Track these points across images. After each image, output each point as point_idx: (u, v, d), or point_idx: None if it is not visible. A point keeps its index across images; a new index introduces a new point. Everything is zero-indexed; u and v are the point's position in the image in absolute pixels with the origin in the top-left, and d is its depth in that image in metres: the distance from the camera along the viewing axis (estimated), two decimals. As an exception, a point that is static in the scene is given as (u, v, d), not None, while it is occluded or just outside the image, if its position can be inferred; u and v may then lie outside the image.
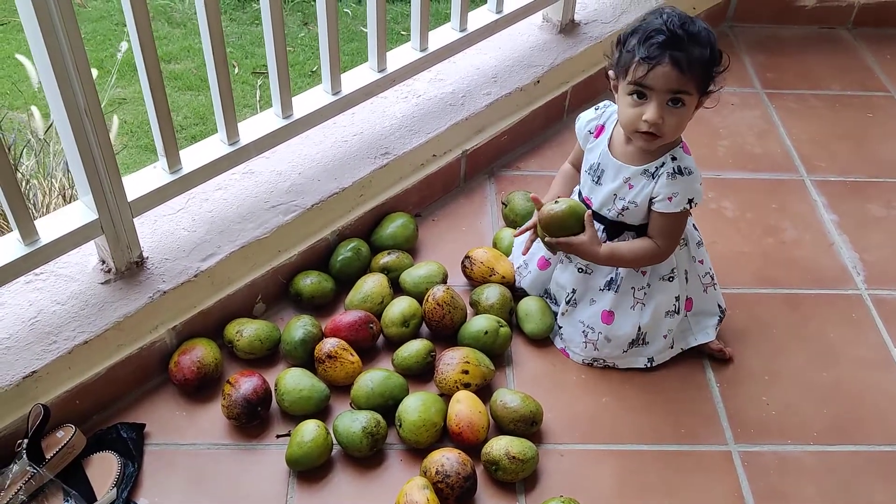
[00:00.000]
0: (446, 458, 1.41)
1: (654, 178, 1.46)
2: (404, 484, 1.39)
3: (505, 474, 1.44)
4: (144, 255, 1.56)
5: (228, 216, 1.66)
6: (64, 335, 1.45)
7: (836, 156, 2.18)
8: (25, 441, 1.37)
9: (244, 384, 1.49)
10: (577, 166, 1.63)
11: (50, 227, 1.40)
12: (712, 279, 1.62)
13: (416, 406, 1.48)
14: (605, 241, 1.53)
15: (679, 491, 1.47)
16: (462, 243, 1.84)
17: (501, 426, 1.51)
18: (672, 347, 1.63)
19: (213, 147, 1.57)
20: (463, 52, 2.00)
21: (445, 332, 1.63)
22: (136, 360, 1.52)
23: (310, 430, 1.44)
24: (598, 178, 1.52)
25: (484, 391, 1.54)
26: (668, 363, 1.64)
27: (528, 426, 1.50)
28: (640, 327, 1.58)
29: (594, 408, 1.57)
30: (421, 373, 1.59)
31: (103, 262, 1.54)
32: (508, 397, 1.51)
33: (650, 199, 1.47)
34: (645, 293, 1.56)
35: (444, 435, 1.50)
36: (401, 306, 1.63)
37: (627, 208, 1.49)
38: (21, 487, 1.34)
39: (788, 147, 2.20)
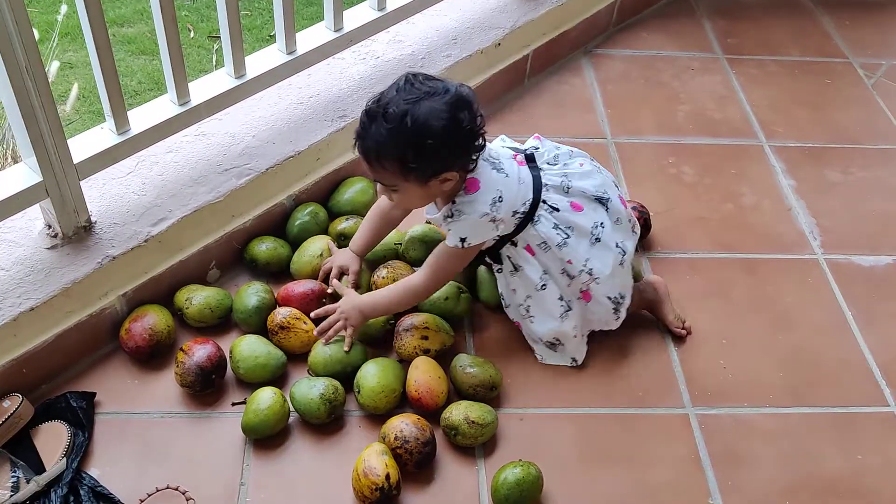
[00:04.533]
0: (405, 424, 1.40)
1: (444, 221, 1.45)
2: (363, 450, 1.38)
3: (464, 439, 1.43)
4: (93, 219, 1.51)
5: (180, 180, 1.61)
6: (9, 302, 1.40)
7: (794, 122, 2.19)
8: (-31, 411, 1.33)
9: (198, 351, 1.45)
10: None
11: (-9, 190, 1.35)
12: (591, 275, 1.50)
13: (374, 372, 1.46)
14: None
15: (637, 454, 1.47)
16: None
17: (461, 391, 1.50)
18: (584, 336, 1.60)
19: (162, 107, 1.52)
20: (422, 12, 1.96)
21: None
22: (86, 327, 1.48)
23: (266, 397, 1.42)
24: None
25: (443, 357, 1.53)
26: (627, 328, 1.64)
27: (488, 391, 1.49)
28: (550, 334, 1.56)
29: (553, 373, 1.57)
30: (380, 339, 1.57)
31: (49, 226, 1.49)
32: (468, 362, 1.50)
33: None
34: (528, 308, 1.54)
35: (403, 401, 1.48)
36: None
37: None
38: (-35, 459, 1.30)
39: (748, 112, 2.20)
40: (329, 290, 1.58)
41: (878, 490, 1.45)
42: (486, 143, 1.43)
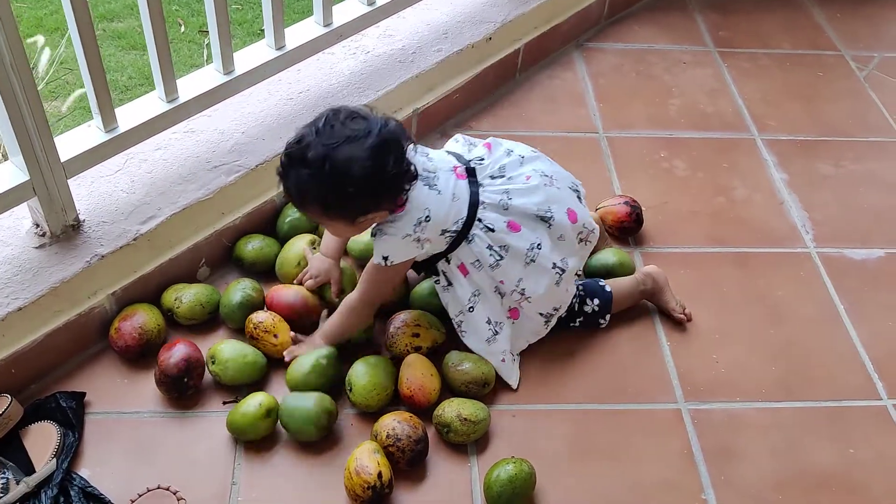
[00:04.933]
0: (397, 422, 1.39)
1: (371, 238, 1.44)
2: (355, 448, 1.37)
3: (456, 436, 1.42)
4: (81, 217, 1.50)
5: (169, 177, 1.60)
6: (-4, 302, 1.39)
7: (786, 115, 2.19)
8: (-43, 412, 1.32)
9: (168, 359, 1.43)
10: None
11: (-23, 190, 1.34)
12: (522, 294, 1.48)
13: (365, 370, 1.46)
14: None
15: (630, 449, 1.47)
16: (413, 204, 1.81)
17: (453, 388, 1.49)
18: (516, 359, 1.55)
19: (150, 104, 1.51)
20: (413, 6, 1.95)
21: (385, 307, 1.59)
22: (75, 326, 1.47)
23: (255, 402, 1.40)
24: None
25: (435, 354, 1.52)
26: (619, 322, 1.64)
27: (480, 388, 1.49)
28: (480, 352, 1.52)
29: (545, 369, 1.57)
30: (365, 343, 1.55)
31: (37, 225, 1.48)
32: (460, 359, 1.49)
33: None
34: (460, 323, 1.52)
35: (395, 398, 1.48)
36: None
37: None
38: (-46, 460, 1.29)
39: (740, 106, 2.20)
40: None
41: (869, 484, 1.45)
42: (417, 171, 1.38)
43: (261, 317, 1.51)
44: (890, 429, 1.54)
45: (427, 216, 1.38)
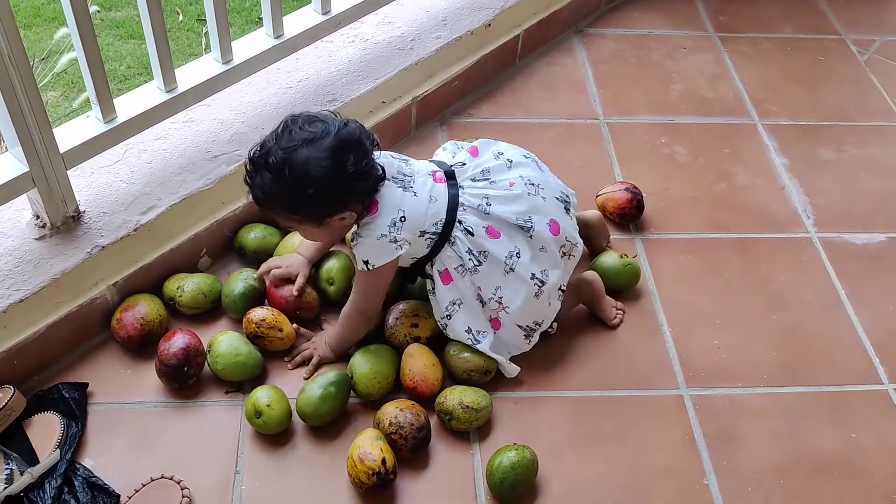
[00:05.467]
0: (399, 410, 1.40)
1: (351, 246, 1.44)
2: (357, 436, 1.38)
3: (459, 423, 1.43)
4: (81, 208, 1.50)
5: (169, 167, 1.60)
6: (-2, 293, 1.39)
7: (787, 100, 2.18)
8: (-40, 404, 1.32)
9: (169, 348, 1.44)
10: None
11: (-23, 181, 1.34)
12: (500, 304, 1.45)
13: (366, 358, 1.46)
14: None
15: (631, 436, 1.47)
16: (413, 192, 1.80)
17: (455, 376, 1.50)
18: (507, 361, 1.51)
19: (149, 94, 1.51)
20: (411, -6, 1.94)
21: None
22: (76, 318, 1.47)
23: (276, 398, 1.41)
24: None
25: (435, 342, 1.52)
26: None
27: (482, 375, 1.49)
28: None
29: (546, 355, 1.57)
30: (368, 337, 1.54)
31: (37, 216, 1.48)
32: (461, 348, 1.49)
33: None
34: (445, 326, 1.49)
35: (396, 387, 1.48)
36: (328, 265, 1.58)
37: None
38: (-42, 451, 1.30)
39: (740, 91, 2.19)
40: (296, 293, 1.54)
41: (871, 468, 1.46)
42: (385, 172, 1.38)
43: (260, 314, 1.50)
44: (891, 413, 1.54)
45: (402, 216, 1.38)
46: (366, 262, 1.40)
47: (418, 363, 1.47)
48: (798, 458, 1.46)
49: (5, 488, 1.29)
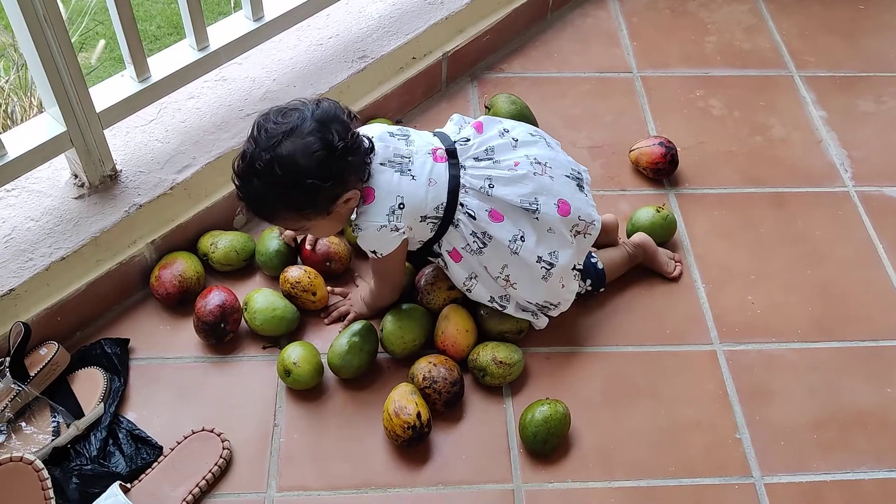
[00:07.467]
0: (433, 365, 1.41)
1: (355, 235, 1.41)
2: (392, 390, 1.40)
3: (492, 379, 1.44)
4: (118, 168, 1.51)
5: (202, 126, 1.61)
6: (40, 252, 1.42)
7: (825, 51, 2.13)
8: (7, 359, 1.36)
9: (205, 306, 1.46)
10: None
11: (17, 141, 1.36)
12: (507, 281, 1.42)
13: (397, 316, 1.47)
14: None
15: (664, 391, 1.48)
16: (445, 149, 1.80)
17: (490, 336, 1.50)
18: (537, 317, 1.50)
19: (182, 53, 1.51)
20: (441, -53, 1.91)
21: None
22: (116, 275, 1.50)
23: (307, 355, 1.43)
24: None
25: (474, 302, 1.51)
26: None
27: (516, 335, 1.50)
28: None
29: (579, 311, 1.57)
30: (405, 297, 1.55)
31: (76, 176, 1.50)
32: (493, 310, 1.48)
33: None
34: (472, 297, 1.47)
35: (424, 348, 1.48)
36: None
37: None
38: (7, 405, 1.34)
39: (777, 42, 2.14)
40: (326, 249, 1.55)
41: (906, 423, 1.46)
42: (372, 144, 1.34)
43: (295, 274, 1.52)
44: (928, 368, 1.53)
45: (401, 203, 1.34)
46: (374, 252, 1.39)
47: (451, 327, 1.47)
48: (832, 413, 1.46)
49: (53, 440, 1.34)
